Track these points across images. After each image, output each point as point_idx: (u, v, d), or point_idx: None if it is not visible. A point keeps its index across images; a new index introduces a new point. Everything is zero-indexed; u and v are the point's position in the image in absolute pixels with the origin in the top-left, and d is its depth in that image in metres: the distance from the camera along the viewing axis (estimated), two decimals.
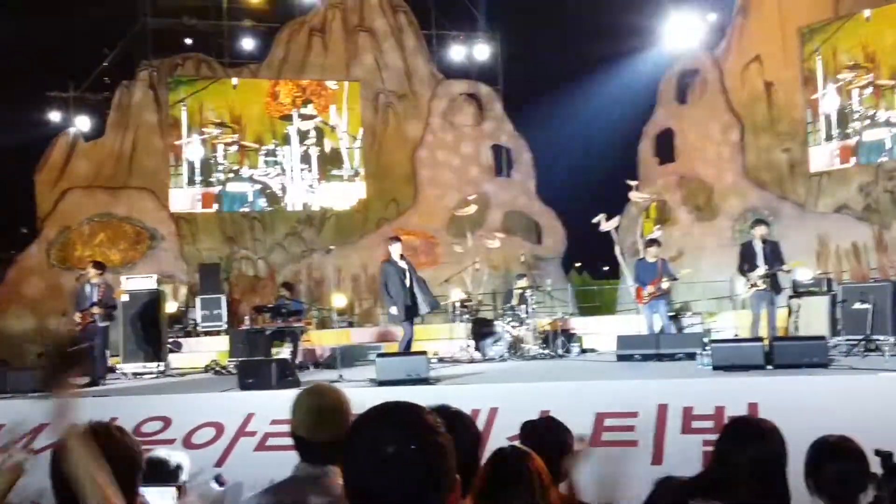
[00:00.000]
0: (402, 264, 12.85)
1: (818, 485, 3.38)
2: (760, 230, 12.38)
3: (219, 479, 3.77)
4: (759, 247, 12.18)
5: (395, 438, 1.75)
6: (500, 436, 7.04)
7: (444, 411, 2.92)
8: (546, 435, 3.73)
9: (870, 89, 19.40)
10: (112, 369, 14.15)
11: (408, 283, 12.73)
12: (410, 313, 12.83)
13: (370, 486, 1.74)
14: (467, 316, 14.86)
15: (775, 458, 3.27)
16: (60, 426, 2.41)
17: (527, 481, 2.96)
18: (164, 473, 4.30)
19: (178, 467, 4.65)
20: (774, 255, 12.13)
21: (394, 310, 12.72)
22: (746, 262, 12.28)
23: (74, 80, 21.81)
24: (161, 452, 4.58)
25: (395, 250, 12.87)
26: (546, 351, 13.92)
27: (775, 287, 12.22)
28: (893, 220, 18.42)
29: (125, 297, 14.24)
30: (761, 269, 11.98)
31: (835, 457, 3.42)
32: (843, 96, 19.76)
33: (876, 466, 3.41)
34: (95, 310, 13.01)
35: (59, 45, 21.76)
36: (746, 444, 3.28)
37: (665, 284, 13.41)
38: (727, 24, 22.05)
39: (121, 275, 16.34)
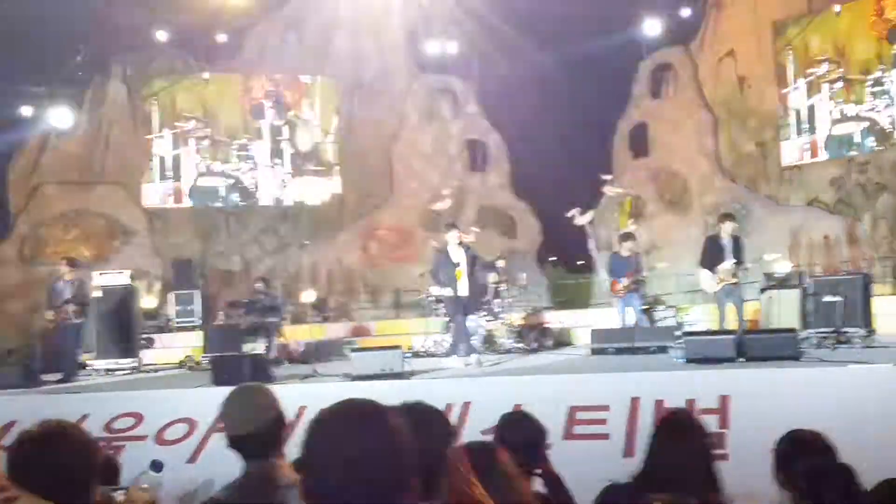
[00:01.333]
0: (457, 253, 11.72)
1: (789, 478, 3.42)
2: (729, 226, 12.37)
3: (155, 465, 3.76)
4: (725, 241, 12.18)
5: (356, 439, 1.75)
6: (475, 430, 7.06)
7: (418, 408, 2.92)
8: (521, 429, 3.74)
9: (840, 84, 19.55)
10: (84, 365, 14.05)
11: (461, 273, 11.58)
12: (460, 306, 11.74)
13: (330, 486, 1.74)
14: (442, 310, 14.87)
15: (706, 450, 3.32)
16: None
17: (494, 475, 2.97)
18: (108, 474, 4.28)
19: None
20: (739, 250, 12.17)
21: (448, 290, 11.66)
22: (711, 255, 12.25)
23: (47, 75, 21.58)
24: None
25: (452, 238, 11.80)
26: (520, 345, 13.95)
27: (739, 282, 12.25)
28: (864, 214, 18.61)
29: (98, 293, 14.13)
30: (728, 263, 11.98)
31: (805, 451, 3.46)
32: (813, 91, 19.90)
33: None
34: (69, 306, 12.92)
35: (32, 39, 21.53)
36: (679, 437, 3.32)
37: (638, 277, 13.47)
38: (701, 18, 22.15)
39: (94, 270, 16.21)
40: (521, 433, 3.66)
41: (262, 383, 3.24)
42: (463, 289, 11.58)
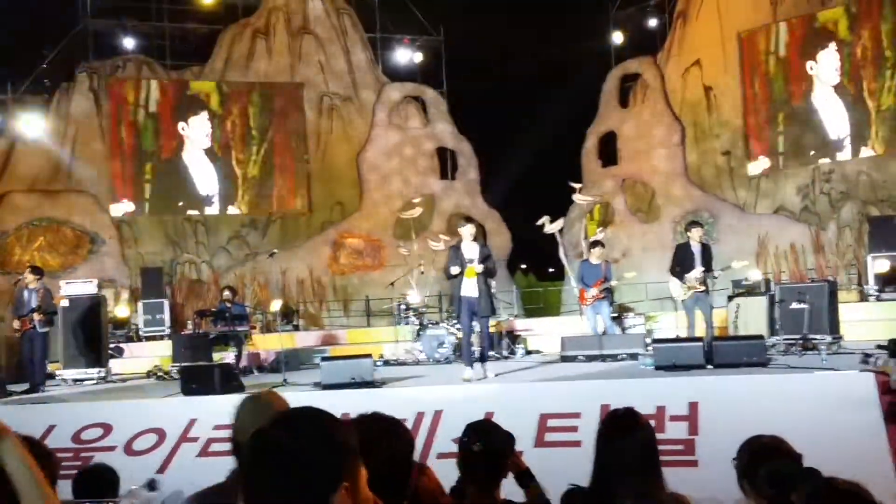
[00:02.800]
0: (471, 249, 10.69)
1: (753, 484, 3.45)
2: (697, 232, 12.50)
3: (151, 484, 3.74)
4: (696, 248, 12.31)
5: (294, 438, 1.77)
6: (446, 438, 7.07)
7: (376, 418, 2.93)
8: (487, 437, 3.75)
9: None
10: (52, 375, 13.90)
11: (472, 271, 10.50)
12: (466, 308, 10.64)
13: (248, 481, 1.79)
14: (412, 318, 14.88)
15: (650, 444, 3.35)
16: None
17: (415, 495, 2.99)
18: (104, 483, 4.24)
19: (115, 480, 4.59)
20: (707, 257, 12.28)
21: (455, 269, 10.58)
22: (680, 263, 12.36)
23: (13, 81, 21.38)
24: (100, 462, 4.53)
25: (466, 232, 10.77)
26: (491, 353, 13.96)
27: (707, 289, 12.36)
28: (830, 222, 18.82)
29: (65, 303, 13.98)
30: (697, 270, 12.09)
31: (769, 457, 3.49)
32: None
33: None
34: (35, 316, 12.80)
35: None
36: (621, 434, 3.35)
37: (607, 286, 13.54)
38: (667, 29, 22.36)
39: (61, 279, 16.06)
40: (488, 442, 3.66)
41: (275, 391, 3.16)
42: (470, 289, 10.51)
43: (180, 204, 21.64)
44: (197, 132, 21.99)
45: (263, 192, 22.37)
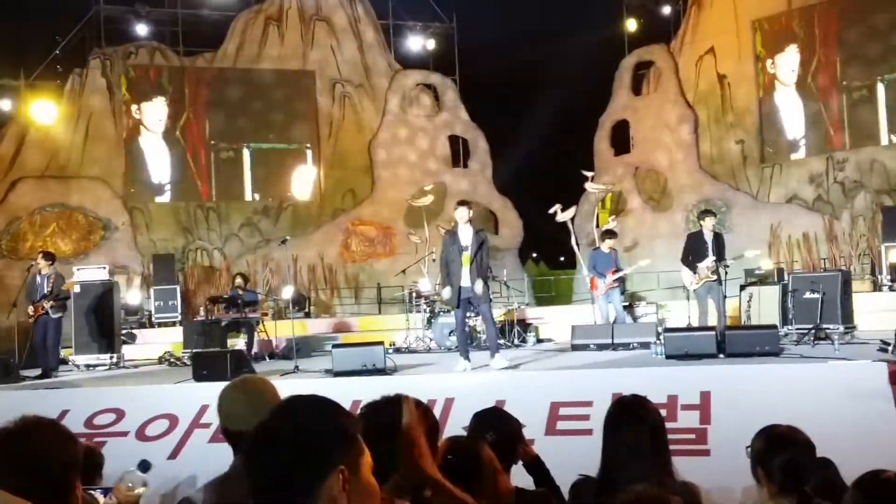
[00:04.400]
0: (466, 235, 10.29)
1: (767, 473, 3.44)
2: (709, 221, 12.45)
3: (143, 465, 3.74)
4: (708, 237, 12.26)
5: (274, 421, 1.79)
6: (456, 426, 7.07)
7: (397, 400, 2.92)
8: (495, 425, 3.74)
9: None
10: (64, 361, 13.96)
11: (468, 258, 10.16)
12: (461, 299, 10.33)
13: (248, 466, 1.79)
14: (424, 306, 14.88)
15: (658, 431, 3.34)
16: None
17: (477, 470, 2.98)
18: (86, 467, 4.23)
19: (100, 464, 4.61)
20: (720, 246, 12.24)
21: (446, 292, 10.44)
22: (693, 252, 12.32)
23: (26, 67, 21.42)
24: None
25: (461, 216, 10.37)
26: (502, 341, 13.97)
27: (720, 278, 12.32)
28: (843, 211, 18.74)
29: (77, 289, 14.03)
30: (710, 260, 12.04)
31: (784, 446, 3.48)
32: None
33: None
34: (47, 302, 12.85)
35: (10, 32, 21.38)
36: (629, 421, 3.34)
37: (620, 275, 13.54)
38: (682, 16, 22.25)
39: (73, 265, 16.11)
40: (496, 429, 3.66)
41: (263, 376, 3.16)
42: (465, 277, 10.12)
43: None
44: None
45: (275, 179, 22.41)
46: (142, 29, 22.52)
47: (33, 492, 2.44)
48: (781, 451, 3.44)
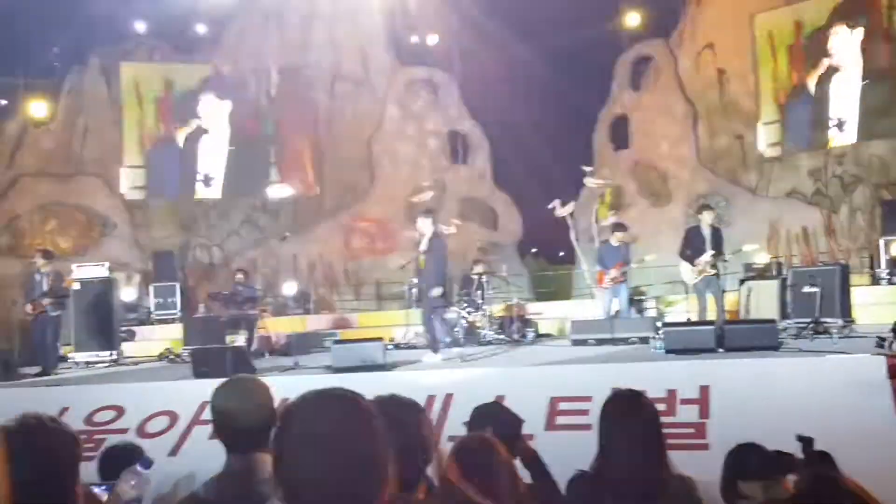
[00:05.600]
0: (425, 241, 11.26)
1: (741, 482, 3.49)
2: (708, 216, 12.46)
3: (144, 461, 3.75)
4: (706, 232, 12.27)
5: (327, 422, 1.74)
6: (456, 422, 7.07)
7: (394, 400, 2.93)
8: (495, 420, 3.75)
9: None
10: (64, 358, 13.98)
11: (423, 261, 11.18)
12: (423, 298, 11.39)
13: (301, 471, 1.72)
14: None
15: (656, 426, 3.36)
16: None
17: (496, 469, 2.98)
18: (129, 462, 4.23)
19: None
20: (718, 241, 12.24)
21: (438, 290, 11.10)
22: (691, 246, 12.33)
23: (24, 65, 21.42)
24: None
25: (422, 225, 11.41)
26: (501, 336, 13.99)
27: (718, 272, 12.34)
28: (842, 205, 18.74)
29: (76, 286, 14.05)
30: (708, 254, 12.05)
31: (750, 456, 3.53)
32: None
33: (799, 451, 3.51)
34: (45, 299, 12.85)
35: (8, 29, 21.34)
36: (625, 415, 3.35)
37: (626, 269, 13.54)
38: (680, 11, 22.23)
39: (72, 263, 16.12)
40: (495, 424, 3.67)
41: (255, 376, 3.17)
42: (422, 279, 11.12)
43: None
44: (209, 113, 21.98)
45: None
46: (140, 26, 22.50)
47: (34, 488, 2.45)
48: (749, 460, 3.52)
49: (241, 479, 2.77)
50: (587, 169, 17.83)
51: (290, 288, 15.64)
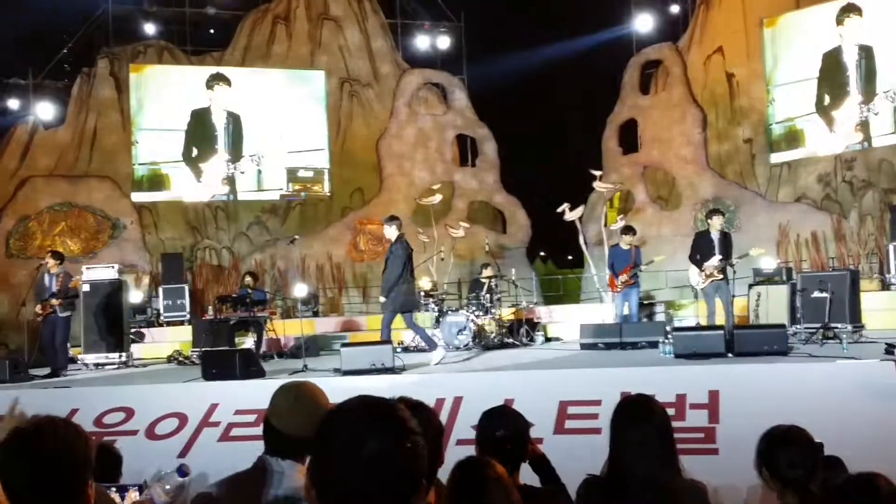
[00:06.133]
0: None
1: (771, 472, 3.47)
2: (717, 220, 12.45)
3: (181, 469, 3.74)
4: (715, 237, 12.26)
5: (375, 438, 1.71)
6: (465, 425, 7.08)
7: (405, 403, 2.93)
8: (503, 424, 3.75)
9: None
10: (73, 360, 14.02)
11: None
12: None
13: (344, 485, 1.70)
14: (432, 305, 14.88)
15: (667, 431, 3.35)
16: None
17: (490, 490, 2.98)
18: (107, 465, 4.25)
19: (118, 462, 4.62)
20: (727, 246, 12.23)
21: (382, 299, 11.92)
22: (700, 251, 12.33)
23: (34, 67, 21.51)
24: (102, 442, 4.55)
25: (388, 232, 12.22)
26: (510, 340, 13.99)
27: (727, 277, 12.32)
28: (852, 210, 18.70)
29: (86, 287, 14.07)
30: (716, 259, 12.04)
31: (788, 445, 3.50)
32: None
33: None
34: (55, 300, 12.89)
35: (18, 31, 21.44)
36: (636, 419, 3.35)
37: (636, 271, 13.53)
38: (690, 15, 22.22)
39: (82, 264, 16.17)
40: (505, 427, 3.68)
41: (314, 382, 3.15)
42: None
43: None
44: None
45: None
46: (150, 28, 22.61)
47: (47, 489, 2.46)
48: (786, 450, 3.46)
49: (258, 481, 2.76)
50: (596, 173, 17.83)
51: (300, 290, 15.63)
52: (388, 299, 11.68)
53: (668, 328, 11.88)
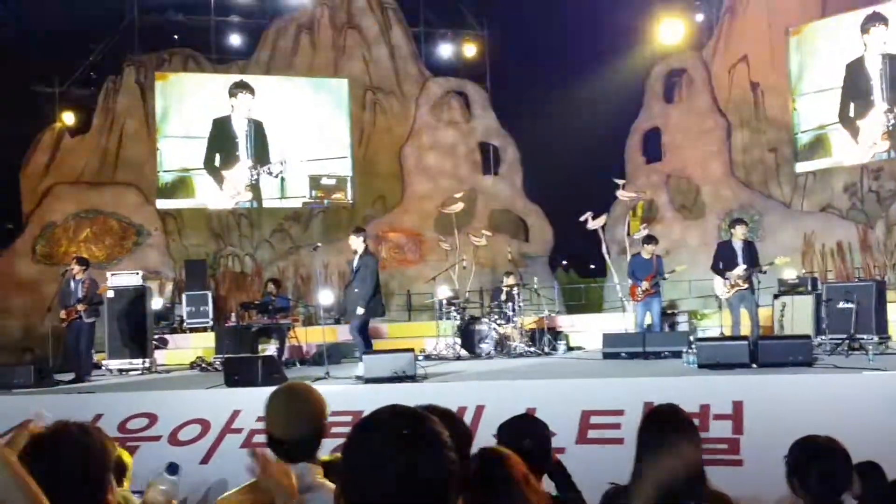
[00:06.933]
0: (356, 259, 12.33)
1: (802, 484, 3.42)
2: (740, 230, 12.39)
3: (171, 467, 3.77)
4: (738, 246, 12.19)
5: (406, 451, 1.71)
6: (487, 433, 7.06)
7: (432, 411, 2.92)
8: (524, 433, 3.73)
9: None
10: (97, 366, 14.11)
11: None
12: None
13: (375, 497, 1.70)
14: (454, 313, 14.87)
15: (694, 443, 3.32)
16: None
17: (508, 482, 2.96)
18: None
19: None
20: (752, 255, 12.16)
21: (360, 310, 12.17)
22: (723, 260, 12.26)
23: (60, 74, 21.70)
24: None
25: (353, 243, 12.49)
26: (532, 349, 13.95)
27: (752, 287, 12.24)
28: (878, 220, 18.54)
29: (110, 294, 14.14)
30: (740, 268, 11.97)
31: (819, 457, 3.46)
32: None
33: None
34: (80, 306, 12.97)
35: (45, 39, 21.63)
36: (665, 431, 3.31)
37: (657, 280, 13.46)
38: (715, 23, 22.13)
39: (106, 271, 16.26)
40: (529, 436, 3.66)
41: (310, 384, 3.16)
42: (349, 296, 12.01)
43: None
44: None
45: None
46: (175, 37, 22.77)
47: (71, 492, 2.47)
48: (818, 461, 3.42)
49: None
50: (619, 181, 17.76)
51: (325, 297, 15.67)
52: (352, 308, 12.07)
53: (691, 338, 11.81)
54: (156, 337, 15.86)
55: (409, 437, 1.73)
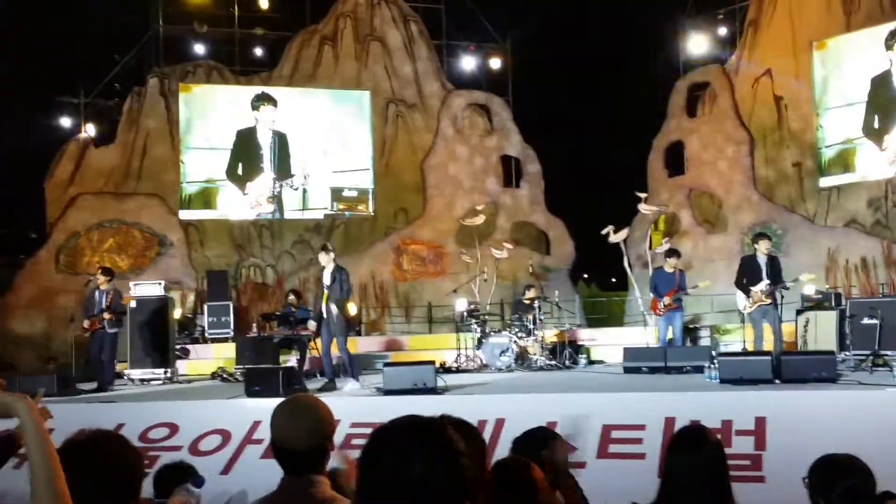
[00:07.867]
0: (327, 276, 12.24)
1: (826, 501, 3.40)
2: (764, 244, 12.33)
3: (196, 480, 3.78)
4: (762, 261, 12.13)
5: (421, 458, 1.72)
6: (507, 447, 7.04)
7: (447, 421, 2.91)
8: (538, 445, 3.72)
9: None
10: (120, 375, 14.20)
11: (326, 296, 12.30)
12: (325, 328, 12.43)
13: (383, 501, 1.71)
14: (475, 326, 14.86)
15: (720, 462, 3.30)
16: None
17: (527, 491, 2.96)
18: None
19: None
20: (776, 270, 12.09)
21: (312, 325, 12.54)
22: (747, 275, 12.20)
23: (85, 86, 21.90)
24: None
25: (322, 259, 12.41)
26: (553, 362, 13.92)
27: (775, 302, 12.17)
28: None
29: (133, 304, 14.24)
30: (764, 283, 11.91)
31: (843, 474, 3.43)
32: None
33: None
34: (105, 316, 13.06)
35: (70, 50, 21.85)
36: (691, 451, 3.30)
37: (679, 295, 13.41)
38: (739, 37, 22.06)
39: (129, 281, 16.36)
40: (547, 448, 3.65)
41: (317, 396, 3.16)
42: (326, 311, 11.93)
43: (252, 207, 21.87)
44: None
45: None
46: (199, 48, 22.93)
47: (100, 500, 2.50)
48: (841, 480, 3.39)
49: (289, 501, 2.77)
50: (641, 195, 17.72)
51: (354, 309, 15.69)
52: (338, 322, 11.88)
53: (713, 353, 11.75)
54: (177, 347, 15.93)
55: (424, 446, 1.74)
